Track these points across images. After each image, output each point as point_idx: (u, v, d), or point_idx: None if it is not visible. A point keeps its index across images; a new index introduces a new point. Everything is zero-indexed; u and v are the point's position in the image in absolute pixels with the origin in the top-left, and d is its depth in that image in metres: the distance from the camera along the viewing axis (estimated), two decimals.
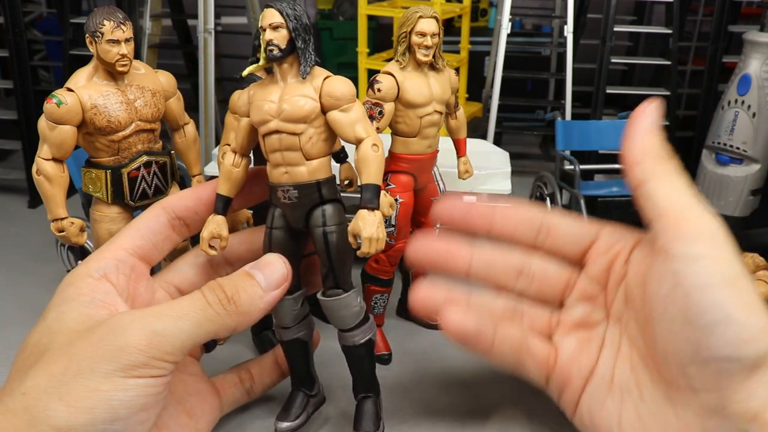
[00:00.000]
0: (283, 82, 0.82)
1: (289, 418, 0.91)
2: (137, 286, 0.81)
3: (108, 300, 0.73)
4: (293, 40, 0.79)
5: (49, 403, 0.62)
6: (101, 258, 0.79)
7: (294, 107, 0.79)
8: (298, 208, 0.83)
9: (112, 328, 0.66)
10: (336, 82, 0.81)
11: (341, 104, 0.80)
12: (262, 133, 0.82)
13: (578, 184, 1.53)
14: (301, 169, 0.81)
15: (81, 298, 0.72)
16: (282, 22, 0.78)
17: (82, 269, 0.77)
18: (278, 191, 0.83)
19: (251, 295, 0.76)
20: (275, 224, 0.85)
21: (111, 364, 0.64)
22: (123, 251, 0.81)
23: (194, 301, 0.72)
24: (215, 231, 0.85)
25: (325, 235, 0.82)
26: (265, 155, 0.84)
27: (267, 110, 0.81)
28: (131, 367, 0.64)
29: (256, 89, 0.84)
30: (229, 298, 0.73)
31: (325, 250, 0.82)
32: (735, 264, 0.68)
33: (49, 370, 0.65)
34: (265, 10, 0.80)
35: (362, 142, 0.80)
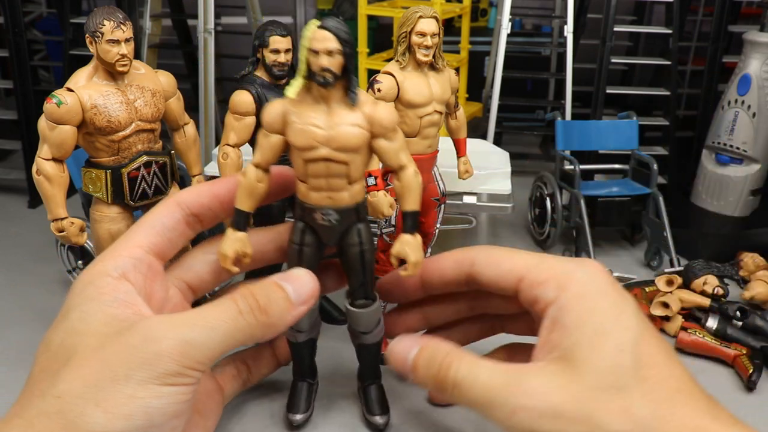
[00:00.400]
0: (326, 105, 0.79)
1: (300, 409, 0.96)
2: (153, 284, 0.80)
3: (129, 299, 0.72)
4: (347, 65, 0.77)
5: (85, 409, 0.62)
6: (118, 256, 0.77)
7: (348, 137, 0.78)
8: (336, 228, 0.84)
9: (146, 336, 0.66)
10: (384, 111, 0.80)
11: (388, 133, 0.81)
12: (307, 158, 0.79)
13: (578, 184, 1.53)
14: (344, 194, 0.82)
15: (103, 297, 0.71)
16: (339, 48, 0.75)
17: (99, 267, 0.76)
18: (316, 213, 0.83)
19: (282, 308, 0.76)
20: (306, 242, 0.85)
21: (146, 372, 0.64)
22: (139, 249, 0.79)
23: (226, 310, 0.72)
24: (240, 250, 0.83)
25: (362, 254, 0.86)
26: (301, 177, 0.82)
27: (315, 136, 0.78)
28: (166, 375, 0.65)
29: (293, 108, 0.80)
30: (261, 309, 0.73)
31: (361, 267, 0.87)
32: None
33: (83, 375, 0.64)
34: (316, 30, 0.75)
35: (405, 169, 0.83)
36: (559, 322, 0.74)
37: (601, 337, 0.71)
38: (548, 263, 0.79)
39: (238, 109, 1.01)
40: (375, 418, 0.96)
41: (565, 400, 0.69)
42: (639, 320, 0.73)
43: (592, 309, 0.73)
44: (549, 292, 0.76)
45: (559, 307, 0.74)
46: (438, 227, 1.23)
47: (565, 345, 0.72)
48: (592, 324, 0.72)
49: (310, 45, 0.75)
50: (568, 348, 0.72)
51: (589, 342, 0.71)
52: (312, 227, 0.85)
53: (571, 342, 0.72)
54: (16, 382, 1.11)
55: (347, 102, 0.79)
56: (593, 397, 0.68)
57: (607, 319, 0.72)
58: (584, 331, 0.72)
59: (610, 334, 0.71)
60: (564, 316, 0.74)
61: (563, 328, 0.73)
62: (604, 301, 0.73)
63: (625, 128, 1.63)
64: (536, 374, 0.72)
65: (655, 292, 1.33)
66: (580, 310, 0.73)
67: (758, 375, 1.10)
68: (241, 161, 1.03)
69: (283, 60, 1.03)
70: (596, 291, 0.74)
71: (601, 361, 0.70)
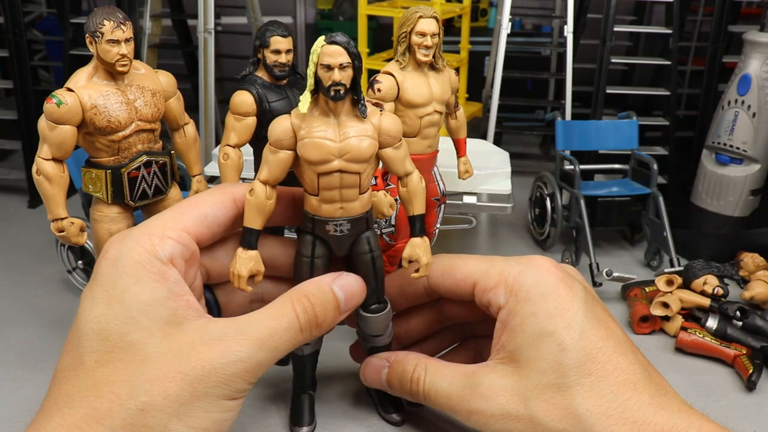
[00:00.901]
0: (335, 118, 0.81)
1: (305, 422, 0.96)
2: (190, 270, 0.80)
3: (180, 290, 0.73)
4: (356, 78, 0.79)
5: (169, 423, 0.66)
6: (166, 237, 0.75)
7: (360, 149, 0.80)
8: (347, 238, 0.86)
9: (224, 355, 0.69)
10: (391, 121, 0.83)
11: (395, 142, 0.84)
12: (320, 172, 0.81)
13: (578, 184, 1.53)
14: (355, 204, 0.84)
15: (156, 285, 0.70)
16: (350, 62, 0.77)
17: (146, 245, 0.73)
18: (328, 225, 0.84)
19: (332, 319, 0.80)
20: (317, 254, 0.86)
21: (222, 390, 0.69)
22: (187, 235, 0.78)
23: (290, 327, 0.74)
24: (254, 269, 0.83)
25: (373, 260, 0.88)
26: (312, 190, 0.83)
27: (328, 150, 0.79)
28: (236, 392, 0.70)
29: (302, 123, 0.81)
30: (318, 324, 0.77)
31: (373, 274, 0.89)
32: None
33: (164, 388, 0.66)
34: (327, 45, 0.77)
35: (410, 176, 0.87)
36: (507, 324, 0.78)
37: (543, 338, 0.75)
38: (498, 268, 0.83)
39: (239, 109, 1.01)
40: (391, 416, 0.99)
41: (511, 400, 0.74)
42: (583, 316, 0.75)
43: (535, 312, 0.76)
44: (499, 296, 0.80)
45: (508, 311, 0.79)
46: (438, 227, 1.23)
47: (512, 347, 0.77)
48: (535, 326, 0.76)
49: (321, 60, 0.77)
50: (514, 350, 0.76)
51: (531, 343, 0.75)
52: (322, 239, 0.86)
53: (517, 344, 0.76)
54: (15, 382, 1.11)
55: (356, 114, 0.81)
56: (536, 397, 0.73)
57: (550, 320, 0.75)
58: (528, 333, 0.76)
59: (552, 335, 0.74)
60: (511, 319, 0.78)
61: (510, 331, 0.77)
62: (548, 302, 0.76)
63: (625, 128, 1.63)
64: (487, 375, 0.77)
65: (655, 292, 1.33)
66: (524, 313, 0.77)
67: (758, 375, 1.10)
68: (241, 162, 1.03)
69: (284, 60, 1.03)
70: (541, 293, 0.77)
71: (542, 362, 0.73)
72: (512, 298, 0.78)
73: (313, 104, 0.81)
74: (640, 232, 1.65)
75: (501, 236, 1.73)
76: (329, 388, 1.06)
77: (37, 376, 1.10)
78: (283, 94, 1.04)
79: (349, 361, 1.06)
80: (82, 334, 0.69)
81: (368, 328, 0.92)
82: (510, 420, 0.73)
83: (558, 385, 0.71)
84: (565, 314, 0.74)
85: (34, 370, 1.12)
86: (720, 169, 1.59)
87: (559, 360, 0.72)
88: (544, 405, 0.72)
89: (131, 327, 0.68)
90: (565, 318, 0.74)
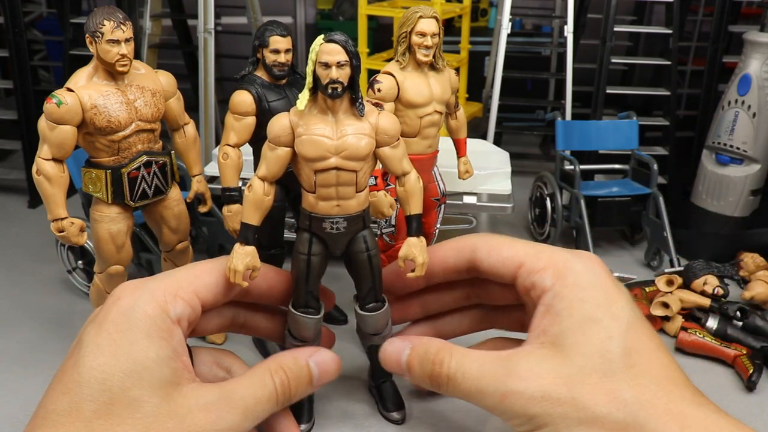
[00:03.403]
0: (333, 116, 0.82)
1: (303, 419, 0.97)
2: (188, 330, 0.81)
3: (181, 350, 0.74)
4: (354, 76, 0.80)
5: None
6: (178, 297, 0.77)
7: (357, 147, 0.81)
8: (343, 236, 0.86)
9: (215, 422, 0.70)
10: (389, 120, 0.84)
11: (393, 141, 0.85)
12: (317, 169, 0.82)
13: (578, 184, 1.53)
14: (352, 201, 0.85)
15: (163, 343, 0.71)
16: (347, 60, 0.78)
17: (160, 300, 0.75)
18: (325, 222, 0.85)
19: (304, 393, 0.82)
20: (314, 251, 0.87)
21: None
22: (197, 299, 0.80)
23: (269, 399, 0.75)
24: (250, 263, 0.84)
25: (369, 259, 0.88)
26: (309, 187, 0.84)
27: (325, 147, 0.80)
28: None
29: (300, 120, 0.82)
30: (291, 395, 0.79)
31: (370, 272, 0.89)
32: None
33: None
34: (325, 43, 0.78)
35: (408, 175, 0.87)
36: (552, 308, 0.76)
37: (591, 324, 0.73)
38: (547, 252, 0.82)
39: (238, 109, 1.01)
40: (392, 414, 0.99)
41: (553, 383, 0.71)
42: (630, 311, 0.75)
43: (584, 298, 0.75)
44: (546, 279, 0.78)
45: (554, 294, 0.76)
46: (438, 227, 1.23)
47: (556, 330, 0.74)
48: (583, 311, 0.74)
49: (319, 58, 0.78)
50: (558, 333, 0.74)
51: (579, 328, 0.73)
52: (319, 237, 0.86)
53: (562, 328, 0.74)
54: (15, 382, 1.11)
55: (354, 112, 0.82)
56: (580, 381, 0.70)
57: (599, 308, 0.74)
58: (575, 318, 0.74)
59: (600, 322, 0.73)
60: (558, 303, 0.75)
61: (556, 315, 0.75)
62: (597, 290, 0.75)
63: (625, 128, 1.63)
64: (526, 358, 0.74)
65: (655, 292, 1.33)
66: (572, 298, 0.75)
67: (758, 375, 1.10)
68: (241, 161, 1.03)
69: (284, 60, 1.03)
70: (591, 281, 0.76)
71: (590, 347, 0.72)
72: (559, 282, 0.76)
73: (312, 102, 0.81)
74: (640, 232, 1.65)
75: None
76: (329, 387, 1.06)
77: (36, 376, 1.10)
78: (283, 94, 1.04)
79: (349, 360, 1.06)
80: (84, 380, 0.68)
81: (367, 326, 0.93)
82: (551, 403, 0.70)
83: (604, 371, 0.70)
84: (613, 305, 0.74)
85: (34, 370, 1.12)
86: (720, 169, 1.59)
87: (607, 347, 0.71)
88: (590, 389, 0.70)
89: (135, 382, 0.68)
90: (613, 309, 0.73)
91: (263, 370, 0.77)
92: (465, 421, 1.00)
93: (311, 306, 0.89)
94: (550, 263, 0.78)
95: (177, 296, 0.76)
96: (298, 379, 0.79)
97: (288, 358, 0.80)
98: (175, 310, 0.74)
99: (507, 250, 0.83)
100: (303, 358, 0.81)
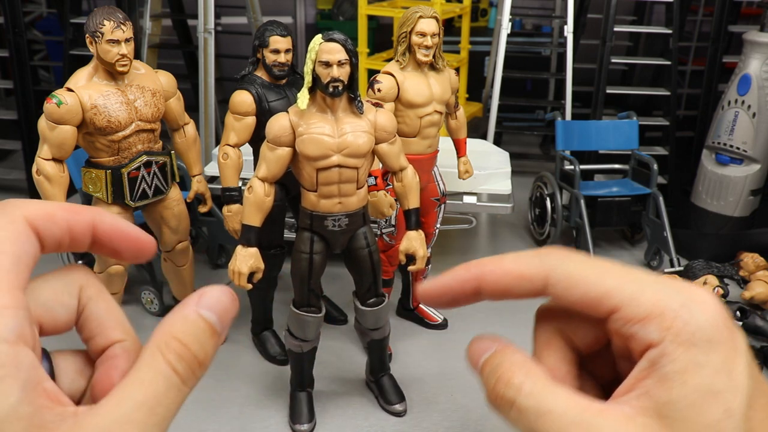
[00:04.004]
0: (333, 114, 0.83)
1: (304, 419, 0.97)
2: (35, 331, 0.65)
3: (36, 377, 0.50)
4: (353, 74, 0.81)
5: None
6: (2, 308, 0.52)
7: (359, 144, 0.82)
8: (345, 233, 0.88)
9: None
10: (387, 117, 0.86)
11: (390, 138, 0.86)
12: (319, 167, 0.83)
13: (578, 184, 1.53)
14: (353, 198, 0.86)
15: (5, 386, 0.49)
16: (347, 59, 0.79)
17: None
18: (327, 220, 0.86)
19: (213, 349, 0.74)
20: (315, 250, 0.88)
21: None
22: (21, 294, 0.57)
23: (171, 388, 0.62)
24: (254, 266, 0.85)
25: (370, 255, 0.90)
26: (310, 186, 0.85)
27: (327, 145, 0.81)
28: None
29: (300, 120, 0.83)
30: (200, 363, 0.69)
31: (371, 268, 0.91)
32: None
33: None
34: (325, 43, 0.79)
35: (405, 170, 0.89)
36: (659, 369, 0.68)
37: (709, 398, 0.65)
38: (649, 295, 0.73)
39: (238, 109, 1.01)
40: (394, 406, 1.01)
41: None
42: (750, 377, 0.67)
43: (701, 362, 0.67)
44: (651, 332, 0.70)
45: (661, 353, 0.69)
46: (438, 227, 1.23)
47: (664, 399, 0.68)
48: (700, 380, 0.66)
49: (319, 57, 0.79)
50: (667, 403, 0.67)
51: (694, 401, 0.66)
52: (321, 235, 0.87)
53: (673, 397, 0.67)
54: None
55: (353, 110, 0.83)
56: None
57: (718, 376, 0.66)
58: (690, 388, 0.66)
59: (719, 395, 0.65)
60: (667, 364, 0.68)
61: (665, 379, 0.68)
62: (716, 353, 0.68)
63: (625, 128, 1.63)
64: (625, 425, 0.67)
65: None
66: (686, 362, 0.68)
67: None
68: (241, 161, 1.03)
69: (284, 60, 1.03)
70: (708, 339, 0.69)
71: (702, 425, 0.64)
72: (670, 338, 0.66)
73: (311, 101, 0.82)
74: (640, 232, 1.65)
75: (501, 236, 1.73)
76: (329, 386, 1.06)
77: None
78: (283, 94, 1.04)
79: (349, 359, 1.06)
80: None
81: (367, 321, 0.94)
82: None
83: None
84: (733, 372, 0.63)
85: None
86: (720, 169, 1.59)
87: (723, 427, 0.63)
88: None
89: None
90: (733, 377, 0.63)
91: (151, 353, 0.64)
92: (466, 420, 1.00)
93: (313, 304, 0.90)
94: (655, 310, 0.70)
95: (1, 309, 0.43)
96: (197, 338, 0.69)
97: (176, 322, 0.70)
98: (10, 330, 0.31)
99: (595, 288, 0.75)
100: (191, 311, 0.72)
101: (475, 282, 0.61)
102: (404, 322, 1.29)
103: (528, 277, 0.58)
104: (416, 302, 1.31)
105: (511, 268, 0.45)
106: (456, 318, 1.28)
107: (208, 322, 0.59)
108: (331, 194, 0.82)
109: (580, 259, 0.43)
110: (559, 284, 0.58)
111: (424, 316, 1.28)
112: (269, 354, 1.16)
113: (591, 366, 0.43)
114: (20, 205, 0.40)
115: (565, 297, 0.61)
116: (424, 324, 1.27)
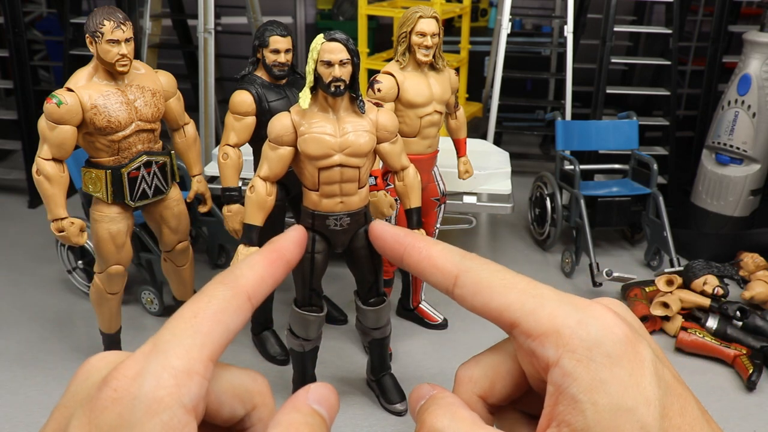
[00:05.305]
0: (334, 114, 0.83)
1: None
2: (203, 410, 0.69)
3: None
4: (354, 74, 0.81)
5: None
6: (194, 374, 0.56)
7: (360, 143, 0.83)
8: (347, 233, 0.88)
9: None
10: (388, 117, 0.86)
11: (392, 137, 0.87)
12: (321, 166, 0.83)
13: (578, 184, 1.53)
14: (355, 198, 0.87)
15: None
16: (349, 58, 0.80)
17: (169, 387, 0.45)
18: (329, 219, 0.86)
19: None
20: (317, 249, 0.89)
21: None
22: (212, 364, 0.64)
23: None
24: None
25: (371, 255, 0.90)
26: (312, 186, 0.85)
27: (329, 144, 0.82)
28: None
29: (301, 119, 0.83)
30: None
31: (372, 268, 0.91)
32: None
33: None
34: (327, 42, 0.79)
35: (407, 170, 0.89)
36: (565, 392, 0.67)
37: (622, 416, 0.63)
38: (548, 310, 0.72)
39: (238, 109, 1.01)
40: (395, 406, 1.01)
41: None
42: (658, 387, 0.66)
43: (605, 379, 0.66)
44: (548, 349, 0.69)
45: (563, 373, 0.67)
46: (438, 227, 1.23)
47: (581, 425, 0.66)
48: (609, 399, 0.65)
49: (321, 57, 0.79)
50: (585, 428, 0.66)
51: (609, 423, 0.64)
52: (322, 235, 0.88)
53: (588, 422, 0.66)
54: (15, 382, 1.11)
55: (354, 109, 0.83)
56: None
57: (628, 393, 0.64)
58: (601, 408, 0.65)
59: (632, 411, 0.64)
60: (571, 384, 0.66)
61: (573, 402, 0.66)
62: (619, 368, 0.66)
63: (625, 128, 1.63)
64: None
65: (655, 292, 1.33)
66: (590, 380, 0.66)
67: (758, 375, 1.10)
68: (241, 161, 1.03)
69: (284, 60, 1.03)
70: (607, 354, 0.67)
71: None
72: (568, 356, 0.65)
73: (312, 101, 0.82)
74: (640, 232, 1.65)
75: (501, 236, 1.73)
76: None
77: (36, 376, 1.10)
78: (283, 94, 1.04)
79: (350, 358, 1.06)
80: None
81: (368, 321, 0.94)
82: None
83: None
84: (641, 385, 0.62)
85: (34, 370, 1.12)
86: (720, 169, 1.59)
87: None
88: None
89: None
90: (642, 390, 0.62)
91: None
92: None
93: (315, 304, 0.90)
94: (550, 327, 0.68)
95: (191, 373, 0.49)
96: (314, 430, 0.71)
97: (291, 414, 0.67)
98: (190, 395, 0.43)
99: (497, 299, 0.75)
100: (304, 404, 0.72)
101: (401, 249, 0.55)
102: (404, 322, 1.29)
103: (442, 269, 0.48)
104: (416, 302, 1.31)
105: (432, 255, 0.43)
106: (456, 318, 1.28)
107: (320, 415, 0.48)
108: (332, 193, 0.83)
109: (496, 269, 0.40)
110: (465, 287, 0.49)
111: (424, 316, 1.28)
112: (269, 354, 1.16)
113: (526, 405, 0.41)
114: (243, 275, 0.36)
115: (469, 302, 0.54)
116: (424, 324, 1.27)
